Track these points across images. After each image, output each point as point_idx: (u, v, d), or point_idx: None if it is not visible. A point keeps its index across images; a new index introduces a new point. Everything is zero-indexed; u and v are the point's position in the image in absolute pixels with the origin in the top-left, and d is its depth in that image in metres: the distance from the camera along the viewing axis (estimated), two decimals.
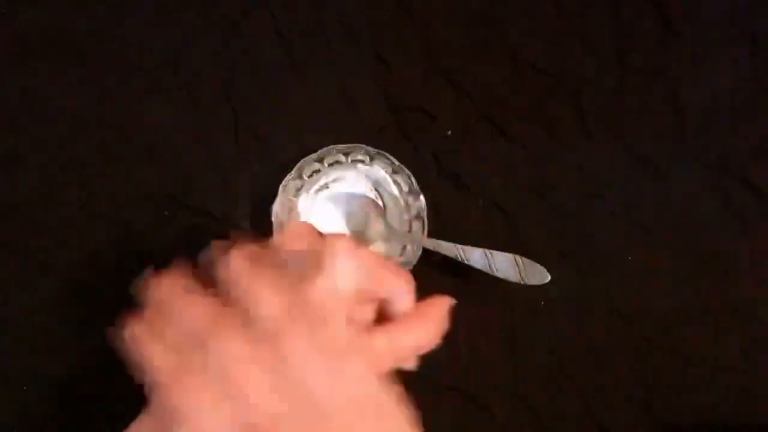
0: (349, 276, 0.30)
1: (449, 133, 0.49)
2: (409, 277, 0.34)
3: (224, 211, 0.48)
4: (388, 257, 0.33)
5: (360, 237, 0.47)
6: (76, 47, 0.49)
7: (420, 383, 0.46)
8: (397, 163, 0.46)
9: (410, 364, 0.35)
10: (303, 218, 0.47)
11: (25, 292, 0.46)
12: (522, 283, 0.44)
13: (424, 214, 0.46)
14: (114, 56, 0.49)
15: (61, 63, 0.49)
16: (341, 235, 0.32)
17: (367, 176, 0.47)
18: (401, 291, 0.33)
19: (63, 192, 0.47)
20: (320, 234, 0.32)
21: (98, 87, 0.49)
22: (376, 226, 0.47)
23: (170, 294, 0.31)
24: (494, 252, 0.44)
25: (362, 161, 0.47)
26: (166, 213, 0.47)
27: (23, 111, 0.48)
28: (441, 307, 0.34)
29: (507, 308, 0.47)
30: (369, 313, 0.33)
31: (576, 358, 0.46)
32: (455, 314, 0.34)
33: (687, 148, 0.49)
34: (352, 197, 0.47)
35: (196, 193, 0.48)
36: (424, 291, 0.34)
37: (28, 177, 0.48)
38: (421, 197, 0.46)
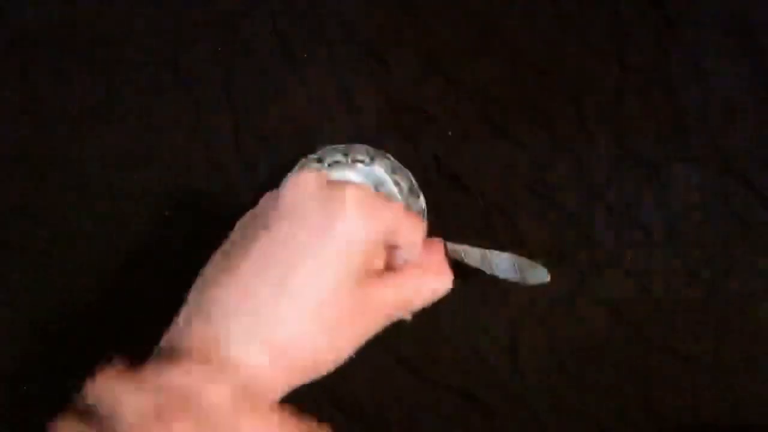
0: (367, 228, 0.30)
1: (449, 133, 0.49)
2: (422, 227, 0.33)
3: (224, 211, 0.48)
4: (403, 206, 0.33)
5: None
6: (76, 47, 0.49)
7: (420, 383, 0.46)
8: (397, 163, 0.46)
9: (407, 316, 0.34)
10: None
11: (24, 291, 0.46)
12: (522, 283, 0.44)
13: (424, 214, 0.46)
14: (114, 56, 0.49)
15: (61, 63, 0.49)
16: (359, 185, 0.31)
17: (367, 176, 0.47)
18: (413, 241, 0.33)
19: (63, 192, 0.47)
20: (336, 182, 0.32)
21: (99, 87, 0.49)
22: None
23: None
24: (494, 252, 0.44)
25: (362, 161, 0.47)
26: (166, 213, 0.47)
27: (23, 111, 0.48)
28: (439, 253, 0.34)
29: (507, 308, 0.47)
30: (380, 261, 0.33)
31: (576, 358, 0.46)
32: (456, 313, 0.34)
33: (687, 148, 0.49)
34: None
35: (196, 193, 0.48)
36: None
37: (28, 177, 0.48)
38: (421, 197, 0.46)
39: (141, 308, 0.46)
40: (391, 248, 0.33)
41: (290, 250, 0.29)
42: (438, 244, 0.35)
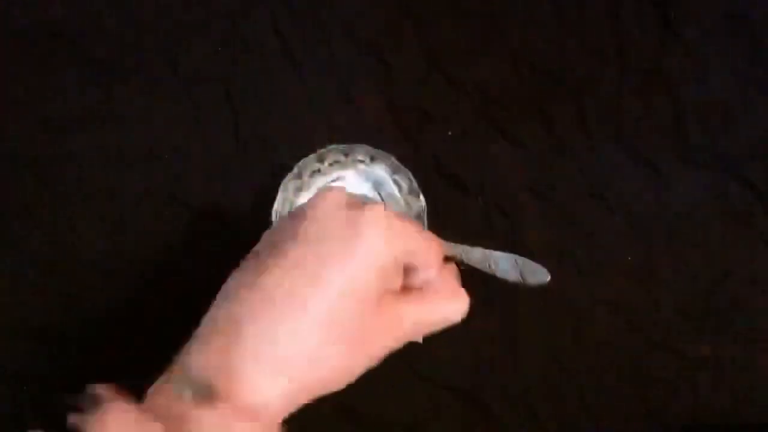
0: (388, 249, 0.30)
1: (449, 133, 0.49)
2: (439, 248, 0.33)
3: (224, 211, 0.48)
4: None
5: None
6: (76, 47, 0.49)
7: (420, 383, 0.46)
8: (397, 163, 0.46)
9: (419, 338, 0.34)
10: None
11: (24, 291, 0.46)
12: (522, 283, 0.44)
13: (424, 214, 0.46)
14: (113, 56, 0.49)
15: (61, 63, 0.49)
16: (380, 206, 0.31)
17: (367, 176, 0.47)
18: (430, 263, 0.33)
19: (63, 192, 0.47)
20: (357, 202, 0.32)
21: (98, 87, 0.49)
22: None
23: None
24: (494, 252, 0.44)
25: (362, 161, 0.47)
26: (166, 213, 0.47)
27: (23, 111, 0.48)
28: (452, 277, 0.35)
29: (507, 308, 0.47)
30: (398, 281, 0.33)
31: (576, 358, 0.46)
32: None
33: (687, 148, 0.49)
34: None
35: (196, 193, 0.48)
36: None
37: (28, 176, 0.48)
38: (421, 197, 0.46)
39: (141, 308, 0.46)
40: (407, 269, 0.33)
41: (310, 270, 0.29)
42: (450, 267, 0.35)
